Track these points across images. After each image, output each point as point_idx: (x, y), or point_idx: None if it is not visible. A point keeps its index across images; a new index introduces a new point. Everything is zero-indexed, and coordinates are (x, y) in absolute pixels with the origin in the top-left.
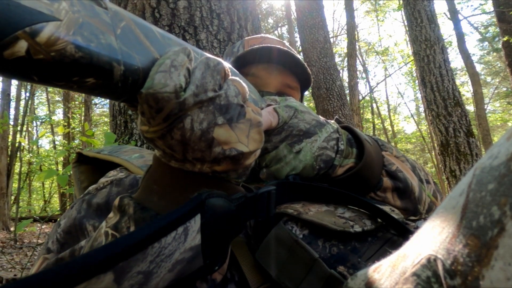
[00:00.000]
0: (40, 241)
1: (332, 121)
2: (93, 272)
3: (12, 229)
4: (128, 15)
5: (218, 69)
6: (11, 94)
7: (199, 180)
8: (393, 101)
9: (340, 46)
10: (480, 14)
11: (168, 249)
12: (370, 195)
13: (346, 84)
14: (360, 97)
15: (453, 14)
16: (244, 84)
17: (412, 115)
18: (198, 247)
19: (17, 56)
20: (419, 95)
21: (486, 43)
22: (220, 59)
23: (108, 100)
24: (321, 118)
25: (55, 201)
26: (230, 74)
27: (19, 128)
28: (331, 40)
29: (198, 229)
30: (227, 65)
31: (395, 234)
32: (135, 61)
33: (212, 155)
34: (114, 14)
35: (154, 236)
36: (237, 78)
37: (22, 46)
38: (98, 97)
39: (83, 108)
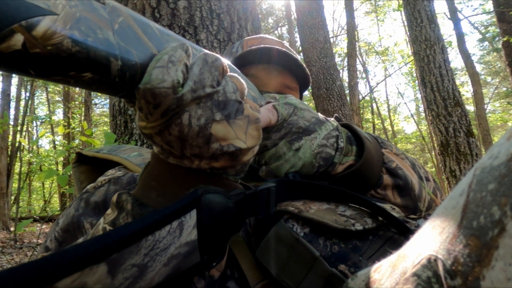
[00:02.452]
0: (40, 241)
1: (332, 118)
2: (85, 263)
3: (12, 229)
4: (126, 10)
5: (216, 65)
6: (11, 94)
7: (197, 177)
8: (393, 101)
9: (340, 46)
10: (480, 14)
11: (163, 243)
12: (370, 192)
13: (346, 84)
14: (360, 97)
15: (453, 14)
16: (242, 81)
17: (412, 115)
18: (195, 243)
19: (13, 50)
20: (419, 95)
21: (486, 43)
22: (218, 55)
23: (108, 100)
24: (321, 115)
25: (55, 201)
26: (228, 70)
27: (19, 128)
28: (331, 40)
29: (194, 225)
30: (225, 61)
31: (396, 233)
32: (132, 56)
33: (210, 151)
34: (112, 9)
35: (148, 229)
36: (236, 75)
37: (18, 39)
38: (97, 94)
39: (83, 108)
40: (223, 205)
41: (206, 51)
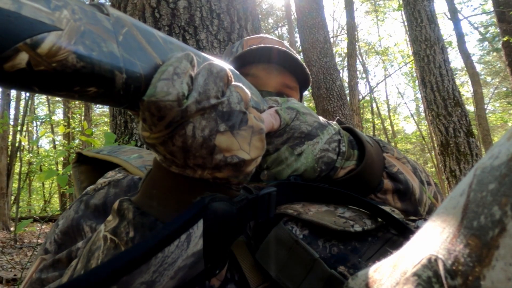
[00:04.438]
0: (40, 241)
1: (334, 122)
2: None
3: (12, 229)
4: (130, 20)
5: (221, 76)
6: (11, 94)
7: (199, 186)
8: (393, 101)
9: (340, 46)
10: (480, 14)
11: (171, 258)
12: (370, 196)
13: (346, 84)
14: (360, 97)
15: (453, 14)
16: (247, 90)
17: (412, 115)
18: (200, 252)
19: (17, 69)
20: (419, 95)
21: (486, 43)
22: (223, 66)
23: None
24: (323, 119)
25: (55, 201)
26: (233, 79)
27: (19, 128)
28: (331, 40)
29: (200, 234)
30: (230, 69)
31: (396, 234)
32: (137, 68)
33: (213, 162)
34: (116, 20)
35: (158, 247)
36: (240, 84)
37: (23, 58)
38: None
39: (83, 108)
40: (228, 212)
41: (212, 58)
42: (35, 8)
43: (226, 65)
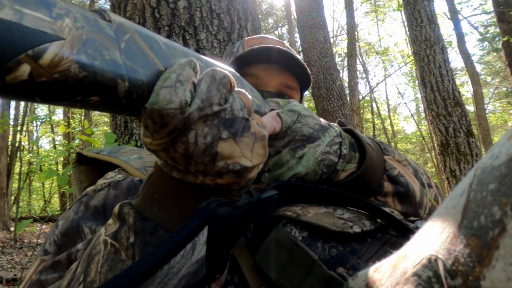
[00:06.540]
0: (40, 241)
1: (335, 124)
2: None
3: (12, 229)
4: (132, 26)
5: (224, 82)
6: None
7: (200, 192)
8: (393, 101)
9: (340, 46)
10: (480, 14)
11: (176, 267)
12: (370, 199)
13: (346, 84)
14: (360, 97)
15: (453, 14)
16: (249, 96)
17: (412, 115)
18: (203, 258)
19: (19, 81)
20: (419, 95)
21: (486, 43)
22: (226, 71)
23: None
24: (324, 121)
25: (55, 201)
26: (236, 85)
27: (19, 128)
28: (331, 40)
29: (204, 241)
30: (232, 71)
31: (395, 235)
32: (139, 76)
33: (215, 169)
34: (118, 27)
35: (165, 259)
36: (243, 90)
37: (24, 70)
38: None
39: None
40: (232, 217)
41: (213, 62)
42: (36, 18)
43: (228, 70)
